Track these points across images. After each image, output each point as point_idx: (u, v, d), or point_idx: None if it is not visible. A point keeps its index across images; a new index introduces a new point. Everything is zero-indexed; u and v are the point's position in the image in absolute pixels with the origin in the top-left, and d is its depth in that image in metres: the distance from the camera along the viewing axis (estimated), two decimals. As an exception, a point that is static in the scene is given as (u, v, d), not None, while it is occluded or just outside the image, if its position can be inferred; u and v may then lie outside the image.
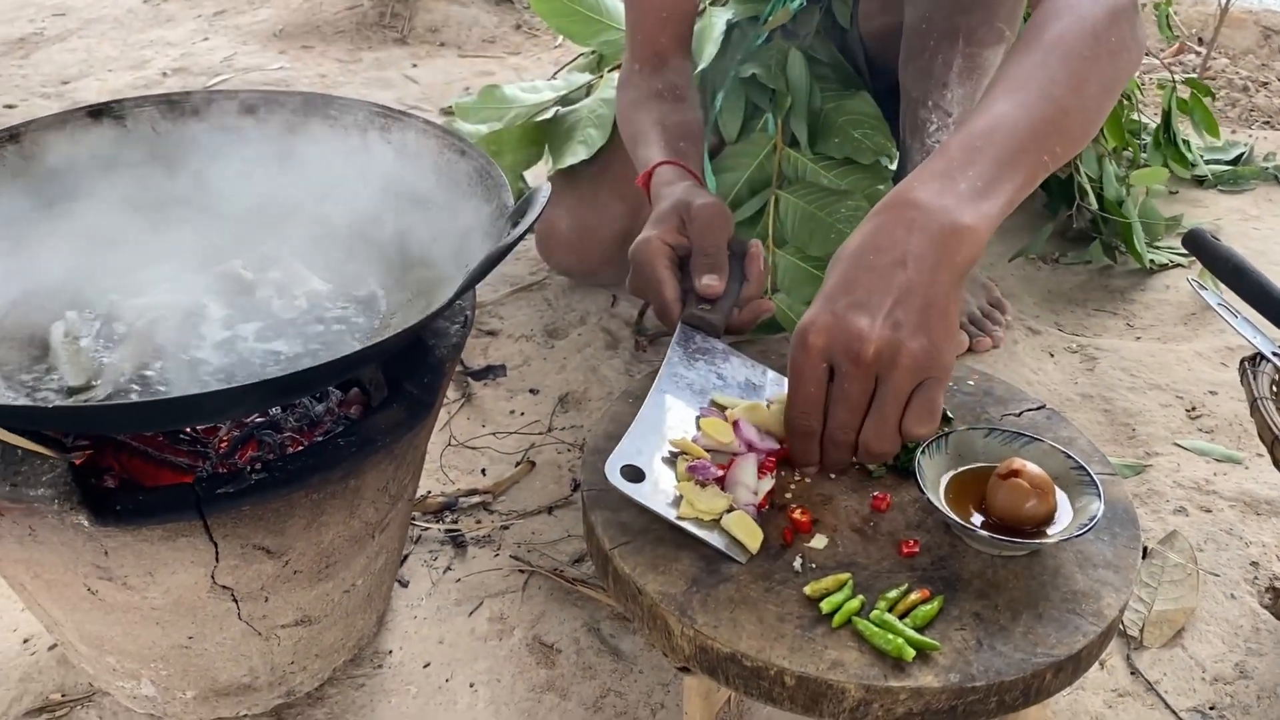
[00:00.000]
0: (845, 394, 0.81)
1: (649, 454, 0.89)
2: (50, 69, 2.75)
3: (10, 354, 0.94)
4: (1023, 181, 0.87)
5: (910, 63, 1.54)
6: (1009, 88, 0.90)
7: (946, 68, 1.49)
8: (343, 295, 1.04)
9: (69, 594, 0.91)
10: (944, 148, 0.87)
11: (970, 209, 0.83)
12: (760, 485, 0.90)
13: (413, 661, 1.16)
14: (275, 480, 0.86)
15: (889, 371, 0.80)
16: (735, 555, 0.85)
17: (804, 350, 0.81)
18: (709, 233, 1.07)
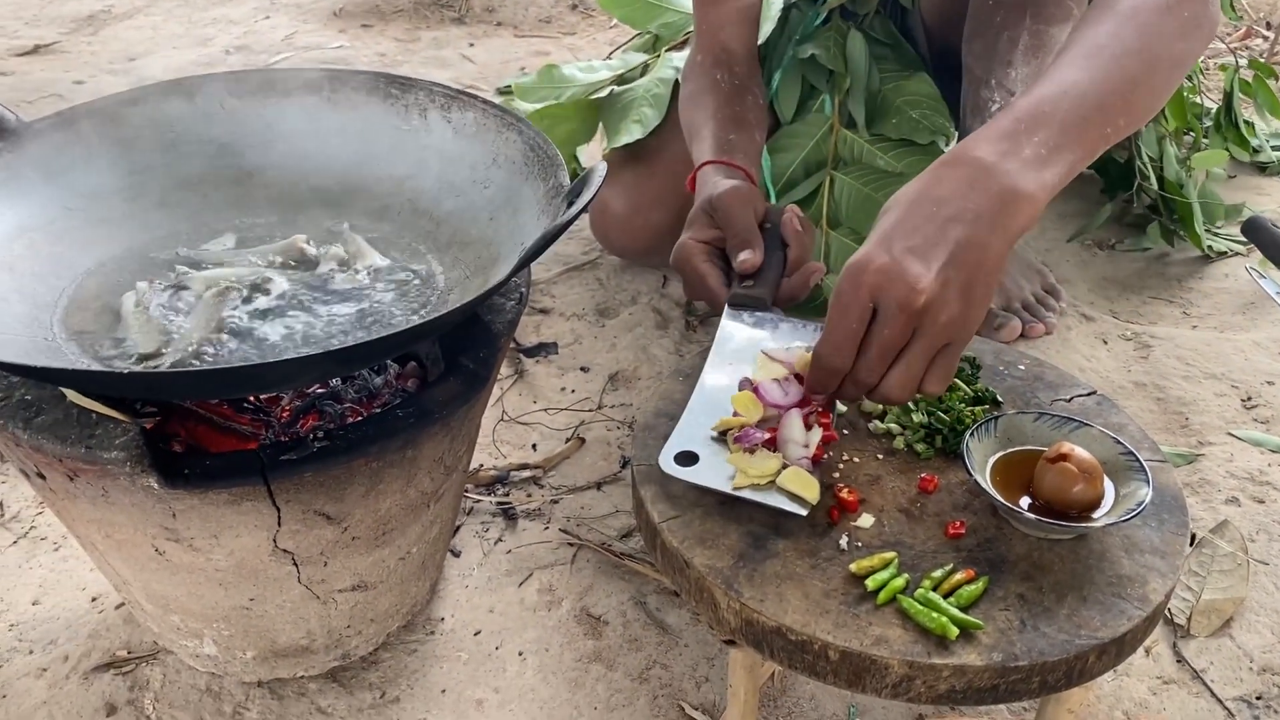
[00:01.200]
0: (884, 338, 0.80)
1: (700, 438, 0.91)
2: (118, 46, 2.81)
3: (85, 321, 0.97)
4: (1084, 153, 0.87)
5: (975, 39, 1.53)
6: (1079, 55, 0.89)
7: (1012, 45, 1.48)
8: (402, 270, 1.07)
9: (138, 554, 0.95)
10: (1011, 108, 0.86)
11: (1032, 176, 0.83)
12: (810, 437, 0.91)
13: (464, 629, 1.19)
14: (337, 448, 0.89)
15: (929, 327, 0.80)
16: (797, 509, 0.86)
17: (854, 286, 0.80)
18: (733, 214, 1.07)
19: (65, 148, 1.08)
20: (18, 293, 0.97)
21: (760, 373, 0.95)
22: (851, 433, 0.99)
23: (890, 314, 0.80)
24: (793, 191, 1.66)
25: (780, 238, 1.08)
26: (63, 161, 1.08)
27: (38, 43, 2.78)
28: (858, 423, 1.00)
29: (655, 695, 1.11)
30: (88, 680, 1.12)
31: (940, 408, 0.99)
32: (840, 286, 0.81)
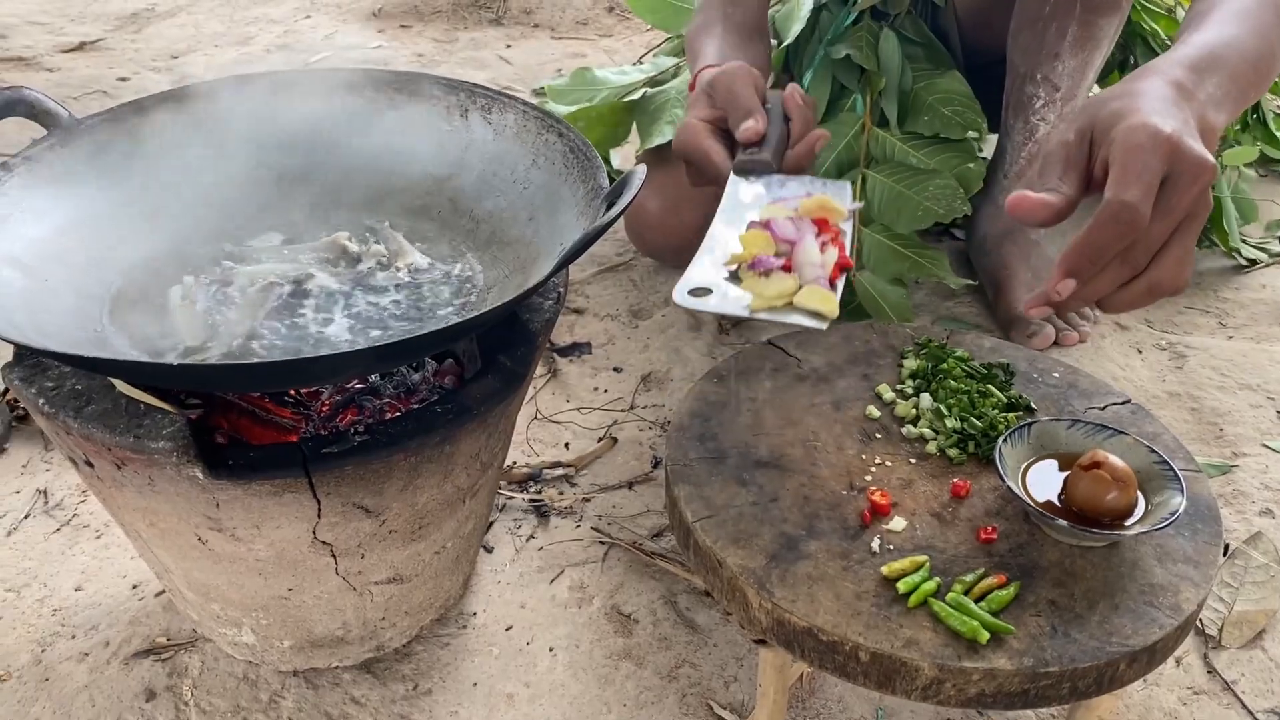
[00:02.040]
0: (1172, 206, 0.74)
1: (712, 278, 0.89)
2: (160, 43, 2.85)
3: (133, 314, 0.99)
4: (1237, 107, 0.86)
5: (1022, 32, 1.53)
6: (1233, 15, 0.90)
7: (1060, 36, 1.49)
8: (442, 269, 1.08)
9: (180, 543, 0.97)
10: (1187, 44, 0.86)
11: (1213, 113, 0.82)
12: (826, 258, 0.90)
13: (495, 624, 1.20)
14: (377, 442, 0.90)
15: (1201, 208, 0.75)
16: (817, 324, 0.84)
17: (1154, 145, 0.73)
18: (734, 88, 1.07)
19: (115, 143, 1.10)
20: (68, 285, 1.00)
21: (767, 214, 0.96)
22: (884, 437, 1.00)
23: (1183, 186, 0.74)
24: None
25: (783, 113, 1.08)
26: (113, 157, 1.10)
27: (83, 39, 2.82)
28: (891, 427, 1.01)
29: (684, 694, 1.12)
30: (128, 666, 1.14)
31: (974, 413, 1.00)
32: (1136, 142, 0.74)
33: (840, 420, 1.01)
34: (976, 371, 1.05)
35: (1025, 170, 1.65)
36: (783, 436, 0.98)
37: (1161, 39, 1.91)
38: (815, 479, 0.94)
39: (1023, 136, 1.61)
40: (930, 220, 1.58)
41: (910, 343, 1.12)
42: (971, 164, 1.62)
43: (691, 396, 1.04)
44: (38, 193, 1.04)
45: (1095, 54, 1.49)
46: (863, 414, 1.02)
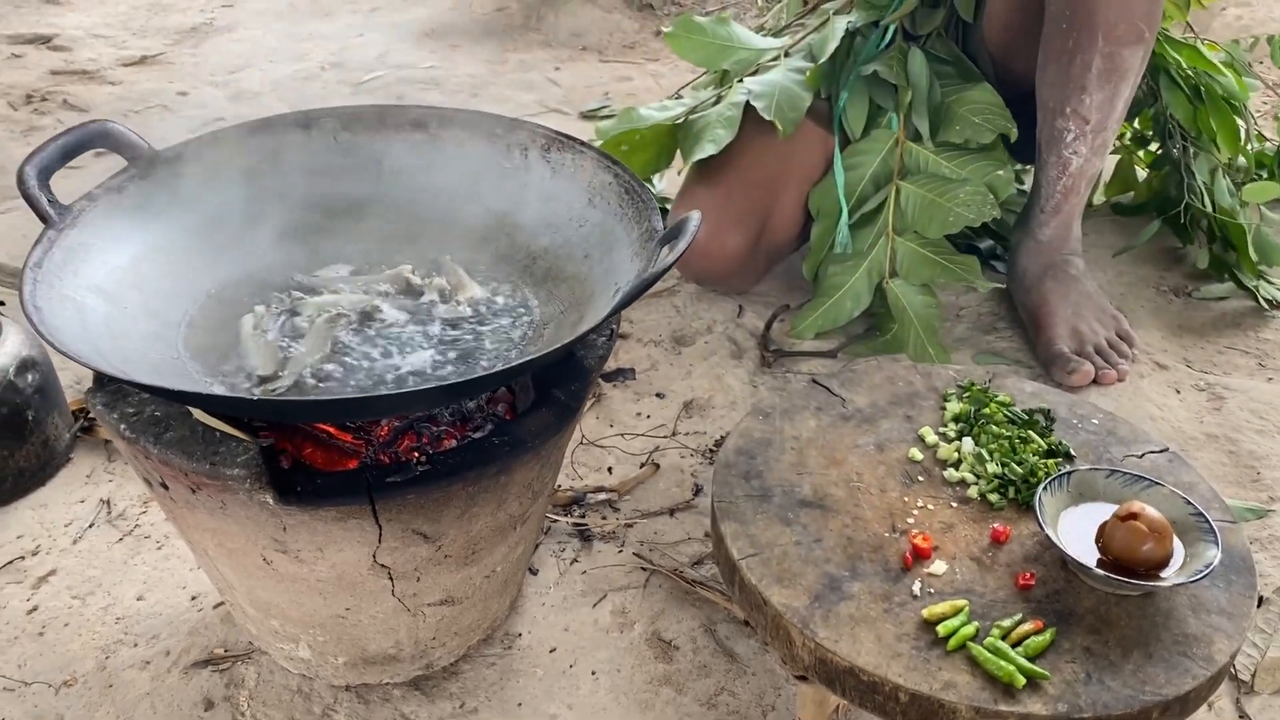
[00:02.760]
0: None
1: None
2: (218, 58, 2.92)
3: (207, 341, 1.04)
4: None
5: (1048, 66, 1.57)
6: None
7: (1085, 69, 1.52)
8: (499, 302, 1.12)
9: (246, 562, 1.02)
10: None
11: None
12: None
13: (540, 645, 1.24)
14: (437, 473, 0.95)
15: None
16: None
17: None
18: None
19: (191, 174, 1.15)
20: (146, 311, 1.05)
21: None
22: (926, 480, 1.03)
23: None
24: (863, 206, 1.71)
25: None
26: (189, 187, 1.15)
27: (144, 54, 2.90)
28: (933, 470, 1.04)
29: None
30: (187, 675, 1.19)
31: (1014, 459, 1.02)
32: None
33: (883, 461, 1.04)
34: (1018, 417, 1.08)
35: (1061, 205, 1.68)
36: (826, 476, 1.01)
37: (1184, 69, 1.93)
38: (858, 520, 0.97)
39: (1057, 171, 1.64)
40: (961, 224, 1.63)
41: (953, 385, 1.15)
42: (1001, 171, 1.65)
43: (737, 433, 1.07)
44: (118, 222, 1.09)
45: (1123, 85, 1.52)
46: (905, 456, 1.05)
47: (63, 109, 2.57)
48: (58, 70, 2.77)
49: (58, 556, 1.35)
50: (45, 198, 1.03)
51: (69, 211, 1.04)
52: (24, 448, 1.42)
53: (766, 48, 1.88)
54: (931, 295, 1.64)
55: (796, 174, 1.75)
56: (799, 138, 1.71)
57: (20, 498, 1.43)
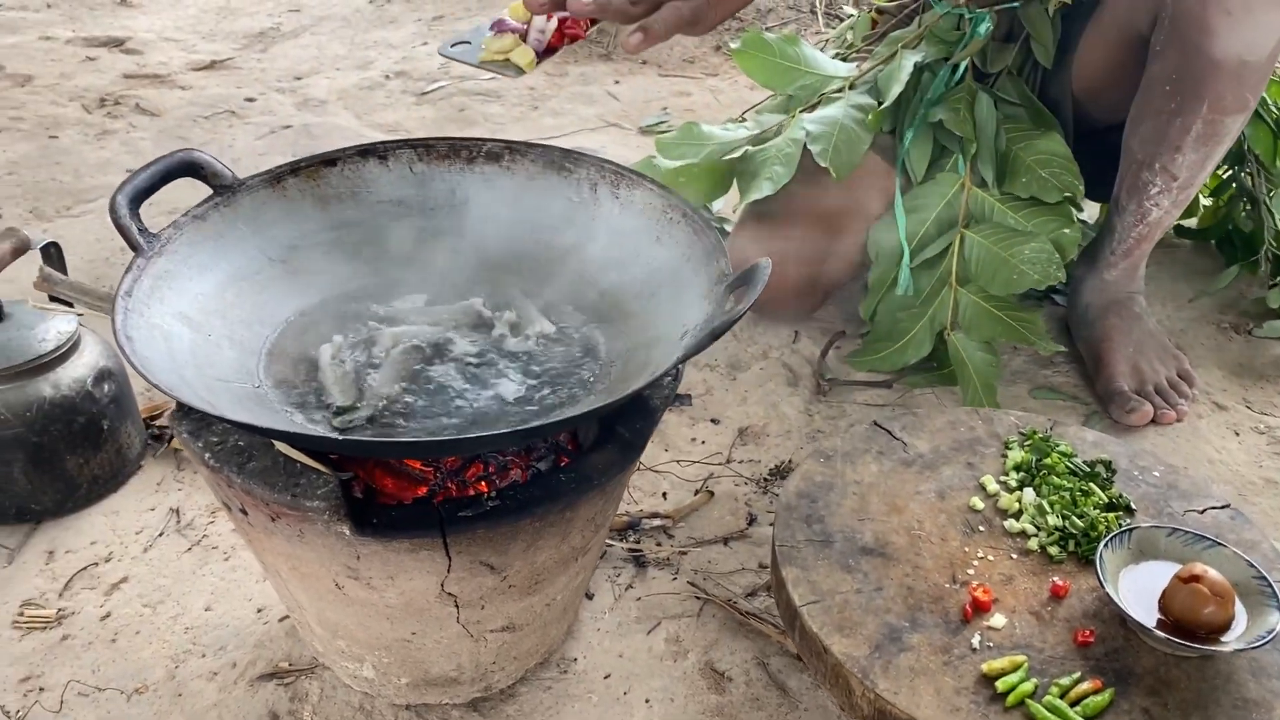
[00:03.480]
0: None
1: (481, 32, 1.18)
2: (285, 64, 2.98)
3: (286, 370, 1.07)
4: None
5: (1143, 122, 1.56)
6: None
7: (1184, 131, 1.51)
8: (566, 338, 1.15)
9: (318, 586, 1.05)
10: None
11: None
12: (549, 26, 1.15)
13: (595, 671, 1.26)
14: (506, 508, 0.97)
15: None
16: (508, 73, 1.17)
17: None
18: None
19: (271, 202, 1.19)
20: (229, 339, 1.08)
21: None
22: (987, 530, 1.04)
23: None
24: (925, 250, 1.71)
25: None
26: (269, 215, 1.18)
27: (213, 58, 2.96)
28: (993, 520, 1.05)
29: (774, 755, 1.16)
30: (253, 688, 1.22)
31: (1075, 512, 1.03)
32: None
33: (944, 510, 1.05)
34: (1079, 469, 1.08)
35: (1133, 250, 1.67)
36: (888, 523, 1.03)
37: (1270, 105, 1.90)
38: (919, 569, 0.98)
39: (1135, 219, 1.63)
40: (1025, 285, 1.62)
41: (1015, 432, 1.16)
42: (1068, 229, 1.64)
43: (799, 475, 1.09)
44: (202, 249, 1.12)
45: (1218, 149, 1.51)
46: (966, 504, 1.06)
47: (135, 113, 2.63)
48: (130, 74, 2.83)
49: (129, 564, 1.39)
50: (135, 226, 1.06)
51: (157, 239, 1.08)
52: (99, 455, 1.47)
53: (833, 74, 1.89)
54: (993, 353, 1.63)
55: (860, 209, 1.76)
56: (862, 172, 1.72)
57: (94, 504, 1.48)
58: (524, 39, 1.19)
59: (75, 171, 2.35)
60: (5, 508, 1.42)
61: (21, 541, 1.42)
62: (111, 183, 2.30)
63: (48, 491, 1.44)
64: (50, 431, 1.41)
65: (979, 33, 1.70)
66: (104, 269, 1.98)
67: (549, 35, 1.18)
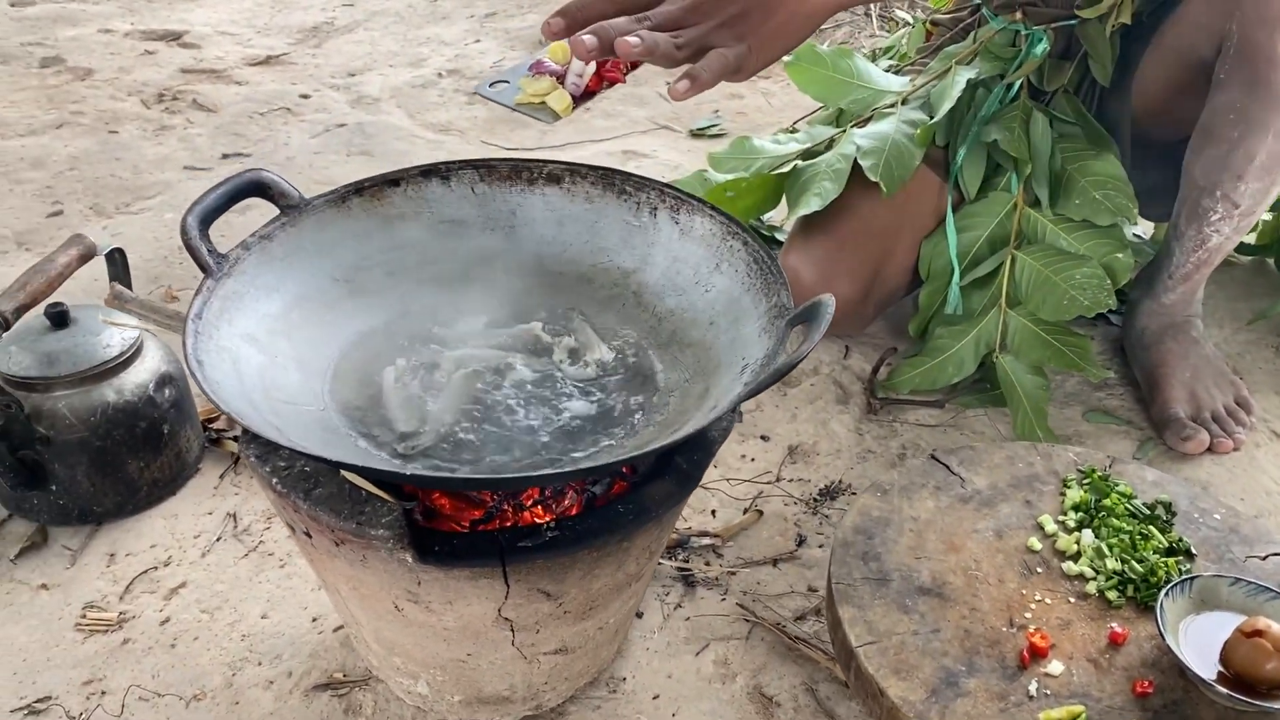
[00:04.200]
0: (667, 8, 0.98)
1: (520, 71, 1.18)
2: (339, 60, 3.00)
3: (351, 393, 1.09)
4: None
5: (1206, 149, 1.53)
6: None
7: (1247, 160, 1.49)
8: (625, 365, 1.15)
9: (377, 607, 1.06)
10: None
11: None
12: (586, 70, 1.15)
13: (643, 691, 1.27)
14: (565, 539, 0.98)
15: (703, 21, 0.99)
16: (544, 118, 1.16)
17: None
18: None
19: (336, 222, 1.20)
20: (295, 361, 1.10)
21: None
22: (1045, 572, 1.03)
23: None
24: (976, 269, 1.70)
25: None
26: (333, 235, 1.19)
27: (268, 53, 2.99)
28: (1051, 562, 1.05)
29: (822, 784, 1.17)
30: (308, 698, 1.25)
31: (1134, 556, 1.03)
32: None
33: (1002, 550, 1.05)
34: (1139, 511, 1.08)
35: (1191, 274, 1.65)
36: (945, 563, 1.03)
37: None
38: (976, 611, 0.98)
39: (1194, 243, 1.61)
40: (1075, 312, 1.60)
41: (1074, 469, 1.15)
42: (1120, 254, 1.62)
43: (855, 510, 1.09)
44: (269, 269, 1.14)
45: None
46: (1024, 544, 1.06)
47: (192, 109, 2.66)
48: (188, 68, 2.86)
49: (188, 569, 1.42)
50: (205, 247, 1.08)
51: (225, 260, 1.10)
52: (159, 459, 1.50)
53: (885, 89, 1.88)
54: (1043, 376, 1.62)
55: (911, 223, 1.75)
56: (914, 186, 1.71)
57: (153, 506, 1.51)
58: (561, 82, 1.20)
59: (134, 167, 2.38)
60: (68, 509, 1.45)
61: (83, 543, 1.45)
62: (169, 180, 2.34)
63: (109, 494, 1.47)
64: (113, 436, 1.43)
65: (1035, 54, 1.68)
66: (163, 268, 2.01)
67: (587, 79, 1.19)
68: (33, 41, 2.96)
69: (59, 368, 1.40)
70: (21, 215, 2.18)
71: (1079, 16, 1.65)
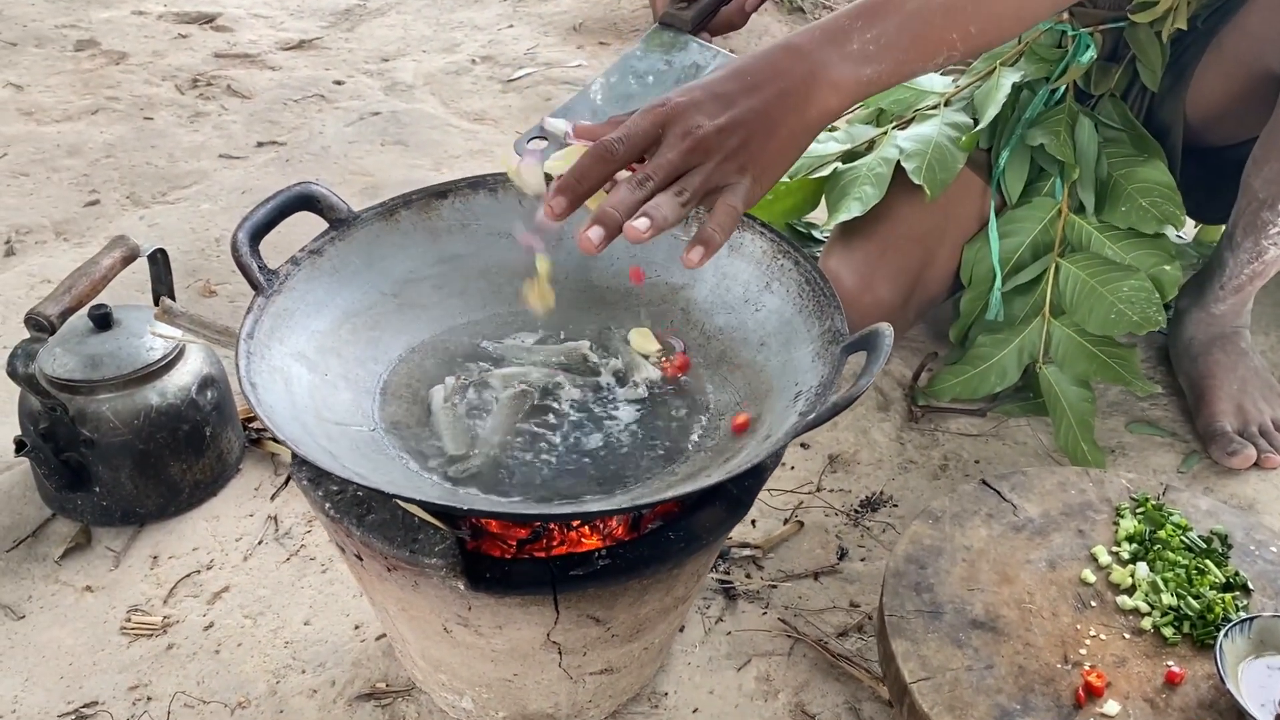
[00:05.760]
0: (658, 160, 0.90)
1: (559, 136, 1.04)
2: (372, 44, 2.98)
3: (399, 413, 1.09)
4: (919, 56, 0.94)
5: (1268, 163, 1.50)
6: None
7: None
8: (675, 386, 1.14)
9: (426, 628, 1.06)
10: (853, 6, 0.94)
11: (847, 67, 0.92)
12: None
13: (685, 706, 1.27)
14: (616, 568, 0.98)
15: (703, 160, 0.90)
16: None
17: (647, 114, 0.92)
18: None
19: (384, 235, 1.19)
20: (345, 378, 1.09)
21: None
22: (1099, 605, 1.02)
23: (670, 141, 0.90)
24: (1019, 275, 1.68)
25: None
26: (382, 249, 1.19)
27: (302, 37, 2.97)
28: (1105, 595, 1.04)
29: (865, 807, 1.17)
30: (352, 707, 1.25)
31: (1191, 592, 1.01)
32: (635, 116, 0.92)
33: (1055, 582, 1.04)
34: (1195, 545, 1.06)
35: (1244, 286, 1.63)
36: (998, 595, 1.02)
37: None
38: (1030, 647, 0.97)
39: (1250, 255, 1.58)
40: (1123, 327, 1.57)
41: (1127, 497, 1.14)
42: (1168, 266, 1.59)
43: (907, 539, 1.08)
44: (317, 285, 1.13)
45: None
46: (1078, 576, 1.04)
47: (226, 94, 2.65)
48: (221, 53, 2.85)
49: (230, 573, 1.42)
50: (256, 264, 1.08)
51: (276, 277, 1.09)
52: (201, 461, 1.50)
53: (928, 89, 1.85)
54: (1088, 389, 1.60)
55: (953, 228, 1.73)
56: (957, 189, 1.68)
57: (195, 508, 1.52)
58: None
59: (170, 155, 2.38)
60: (111, 511, 1.46)
61: (126, 545, 1.46)
62: (205, 169, 2.33)
63: (152, 496, 1.47)
64: (156, 439, 1.44)
65: (1080, 60, 1.65)
66: (200, 261, 2.01)
67: None
68: (67, 24, 2.95)
69: (103, 370, 1.40)
70: (59, 204, 2.18)
71: (1129, 19, 1.62)
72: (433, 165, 2.39)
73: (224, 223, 2.11)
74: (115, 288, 1.74)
